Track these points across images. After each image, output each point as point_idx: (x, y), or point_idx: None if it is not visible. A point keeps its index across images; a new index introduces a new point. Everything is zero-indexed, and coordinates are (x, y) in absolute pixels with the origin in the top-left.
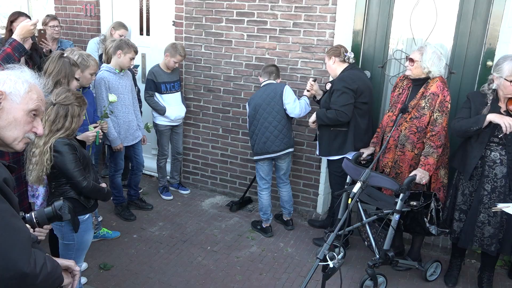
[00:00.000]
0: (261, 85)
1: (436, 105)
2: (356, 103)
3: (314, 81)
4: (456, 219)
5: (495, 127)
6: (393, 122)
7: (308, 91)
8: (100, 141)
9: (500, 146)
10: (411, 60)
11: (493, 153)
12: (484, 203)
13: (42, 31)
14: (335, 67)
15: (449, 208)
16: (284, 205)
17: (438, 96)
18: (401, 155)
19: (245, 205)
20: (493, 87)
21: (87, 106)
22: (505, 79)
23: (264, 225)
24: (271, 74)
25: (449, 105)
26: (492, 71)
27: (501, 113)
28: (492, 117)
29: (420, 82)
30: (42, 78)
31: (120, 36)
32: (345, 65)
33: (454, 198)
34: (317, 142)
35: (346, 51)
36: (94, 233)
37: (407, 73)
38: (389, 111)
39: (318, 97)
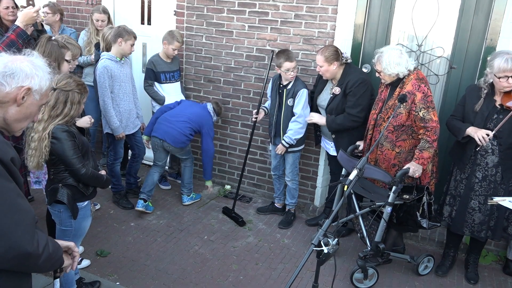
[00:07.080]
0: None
1: (417, 103)
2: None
3: None
4: (446, 203)
5: (487, 121)
6: (374, 120)
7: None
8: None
9: (493, 137)
10: (377, 71)
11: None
12: (475, 191)
13: (30, 2)
14: (337, 71)
15: (444, 193)
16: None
17: (415, 95)
18: (380, 155)
19: (236, 220)
20: (490, 81)
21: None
22: (495, 75)
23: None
24: None
25: (432, 99)
26: (486, 66)
27: (495, 107)
28: (469, 131)
29: (395, 84)
30: (56, 73)
31: (96, 21)
32: (343, 65)
33: (448, 183)
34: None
35: (342, 52)
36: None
37: (382, 80)
38: (372, 109)
39: None
